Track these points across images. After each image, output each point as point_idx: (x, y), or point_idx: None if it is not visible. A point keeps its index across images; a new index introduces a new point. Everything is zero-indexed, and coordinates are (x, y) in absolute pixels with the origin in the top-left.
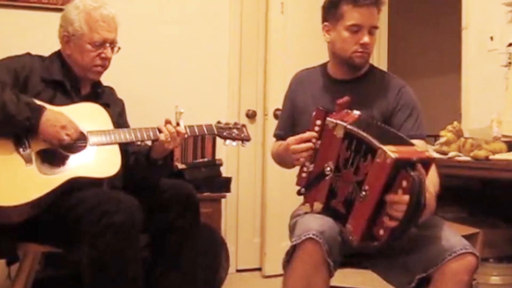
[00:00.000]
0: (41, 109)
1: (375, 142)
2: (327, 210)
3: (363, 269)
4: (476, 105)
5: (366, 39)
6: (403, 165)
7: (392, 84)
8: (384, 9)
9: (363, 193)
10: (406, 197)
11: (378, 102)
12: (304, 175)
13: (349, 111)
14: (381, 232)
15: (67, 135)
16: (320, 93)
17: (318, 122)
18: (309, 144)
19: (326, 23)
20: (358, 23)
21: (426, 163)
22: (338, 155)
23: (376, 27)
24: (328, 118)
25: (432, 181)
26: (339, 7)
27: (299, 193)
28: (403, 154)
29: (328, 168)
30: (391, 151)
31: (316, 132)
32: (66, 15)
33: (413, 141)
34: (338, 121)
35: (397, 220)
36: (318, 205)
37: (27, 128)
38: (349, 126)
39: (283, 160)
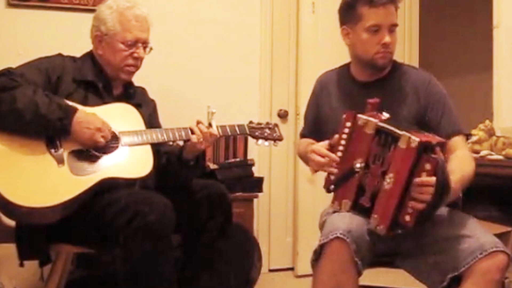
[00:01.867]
0: (73, 110)
1: (397, 131)
2: (355, 208)
3: (395, 268)
4: (507, 103)
5: (387, 39)
6: (425, 149)
7: (418, 80)
8: (415, 7)
9: (387, 180)
10: (433, 178)
11: (407, 101)
12: (332, 177)
13: (379, 113)
14: (407, 218)
15: (103, 137)
16: (346, 97)
17: (348, 124)
18: (328, 160)
19: (344, 27)
20: (377, 23)
21: (442, 145)
22: (368, 152)
23: (395, 25)
24: (358, 115)
25: (460, 165)
26: (355, 9)
27: (328, 190)
28: (425, 138)
29: (358, 165)
30: (414, 135)
31: (346, 134)
32: (99, 15)
33: (456, 138)
34: (369, 118)
35: (424, 203)
36: (346, 203)
37: (60, 129)
38: (380, 123)
39: (307, 162)
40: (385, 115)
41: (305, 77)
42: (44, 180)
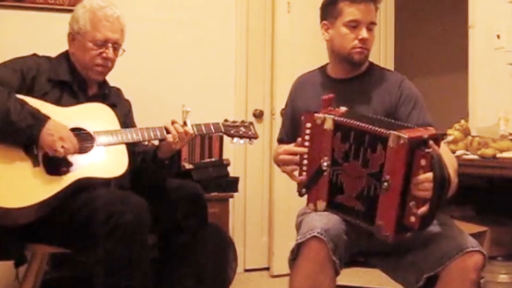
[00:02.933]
0: (44, 119)
1: (383, 130)
2: (333, 207)
3: (371, 267)
4: (483, 103)
5: (364, 34)
6: (417, 144)
7: (392, 79)
8: (391, 7)
9: (385, 184)
10: (430, 174)
11: (380, 99)
12: (300, 177)
13: (336, 108)
14: (413, 219)
15: (63, 147)
16: (320, 94)
17: (308, 125)
18: (295, 158)
19: (324, 22)
20: (356, 18)
21: (436, 139)
22: (332, 149)
23: (374, 23)
24: (315, 114)
25: (447, 160)
26: (337, 4)
27: (300, 194)
28: (414, 134)
29: (325, 164)
30: (402, 133)
31: (308, 135)
32: (74, 13)
33: None
34: (326, 115)
35: (426, 202)
36: (321, 203)
37: (28, 136)
38: (337, 118)
39: (280, 166)
40: (343, 108)
41: (280, 77)
42: (20, 181)
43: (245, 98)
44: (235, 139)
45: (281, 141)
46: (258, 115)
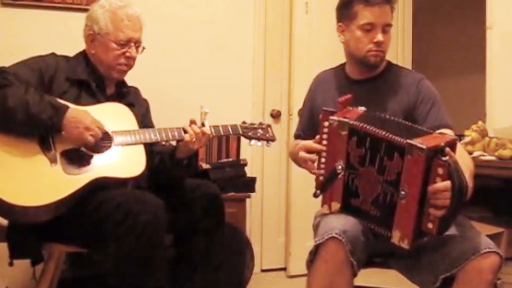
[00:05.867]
0: (64, 108)
1: (399, 139)
2: (347, 210)
3: (387, 268)
4: (500, 104)
5: (379, 37)
6: (435, 153)
7: (409, 79)
8: (408, 8)
9: (402, 193)
10: (448, 183)
11: (398, 99)
12: (321, 178)
13: (354, 108)
14: (430, 225)
15: (91, 135)
16: (338, 94)
17: (326, 123)
18: (313, 156)
19: (340, 24)
20: (371, 21)
21: (452, 145)
22: (347, 153)
23: (389, 25)
24: (330, 117)
25: (464, 163)
26: (351, 7)
27: (315, 195)
28: (431, 143)
29: (340, 167)
30: (419, 143)
31: (326, 133)
32: (91, 14)
33: (441, 130)
34: (341, 118)
35: (444, 208)
36: (336, 205)
37: (50, 127)
38: (352, 122)
39: (297, 162)
40: (361, 108)
41: (298, 77)
42: (37, 179)
43: (262, 99)
44: (253, 141)
45: (297, 137)
46: (276, 115)
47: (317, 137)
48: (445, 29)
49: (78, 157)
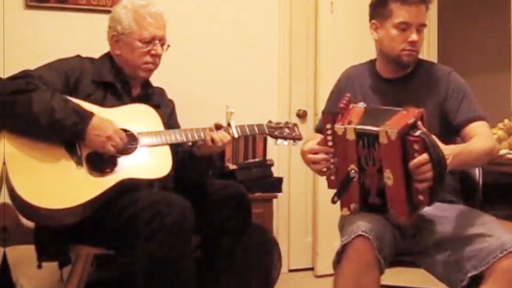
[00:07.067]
0: (88, 116)
1: (373, 128)
2: (365, 208)
3: (414, 267)
4: None
5: (414, 37)
6: (406, 132)
7: (439, 73)
8: (434, 6)
9: (387, 176)
10: (425, 155)
11: (430, 95)
12: (332, 177)
13: (354, 106)
14: (421, 197)
15: (113, 145)
16: (369, 92)
17: (328, 126)
18: (324, 156)
19: (374, 21)
20: (407, 21)
21: (421, 117)
22: (358, 156)
23: (424, 25)
24: (336, 126)
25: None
26: (387, 4)
27: (332, 201)
28: (400, 123)
29: (353, 171)
30: (390, 127)
31: (330, 135)
32: (114, 15)
33: (476, 123)
34: (346, 126)
35: (429, 180)
36: (355, 206)
37: (74, 134)
38: (358, 127)
39: (305, 162)
40: (361, 104)
41: (324, 77)
42: (63, 182)
43: (288, 99)
44: (279, 141)
45: (317, 130)
46: (302, 115)
47: (321, 138)
48: (470, 27)
49: (104, 159)
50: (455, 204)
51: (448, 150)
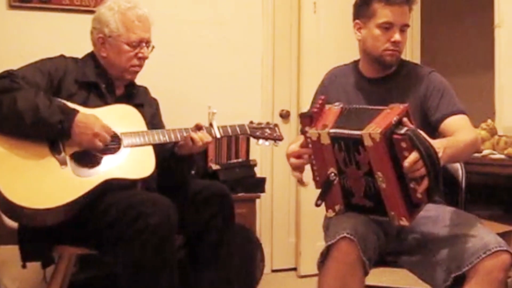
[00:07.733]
0: (73, 113)
1: (355, 132)
2: (350, 208)
3: (398, 267)
4: (509, 102)
5: (397, 37)
6: (391, 132)
7: (420, 73)
8: (416, 7)
9: (380, 179)
10: (415, 154)
11: (412, 94)
12: (318, 178)
13: (330, 106)
14: (419, 196)
15: (100, 140)
16: (353, 92)
17: (307, 128)
18: (304, 161)
19: (357, 21)
20: (390, 20)
21: (406, 113)
22: (335, 159)
23: (407, 25)
24: (310, 131)
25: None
26: (371, 4)
27: (316, 205)
28: (384, 123)
29: (332, 174)
30: (373, 129)
31: (308, 138)
32: (100, 17)
33: (454, 117)
34: (320, 131)
35: (424, 177)
36: (339, 207)
37: (59, 131)
38: (332, 131)
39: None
40: (336, 104)
41: (307, 77)
42: (47, 182)
43: (271, 99)
44: (261, 141)
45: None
46: (285, 115)
47: (303, 140)
48: (453, 27)
49: (87, 159)
50: (438, 204)
51: (438, 143)
